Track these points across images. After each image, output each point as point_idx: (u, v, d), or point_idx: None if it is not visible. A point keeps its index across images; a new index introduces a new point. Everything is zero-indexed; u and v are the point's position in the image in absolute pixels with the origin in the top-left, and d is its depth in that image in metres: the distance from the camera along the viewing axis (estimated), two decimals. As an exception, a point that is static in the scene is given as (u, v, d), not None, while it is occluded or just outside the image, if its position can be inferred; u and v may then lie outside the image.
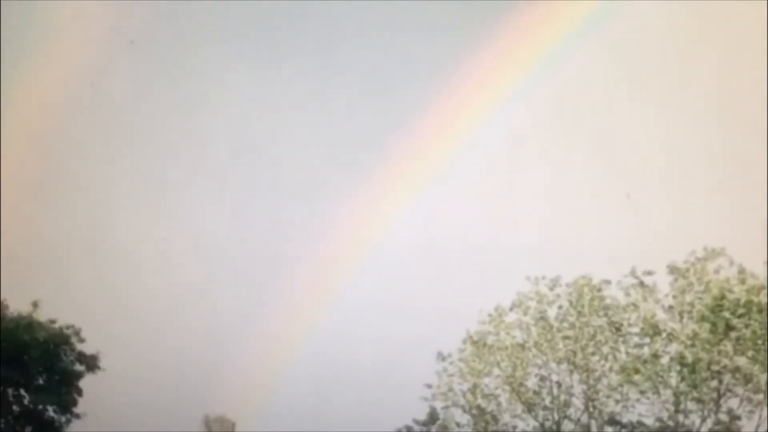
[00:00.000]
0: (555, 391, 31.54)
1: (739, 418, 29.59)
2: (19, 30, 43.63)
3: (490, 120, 44.81)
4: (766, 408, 29.28)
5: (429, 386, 32.60)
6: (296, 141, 49.88)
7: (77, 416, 30.83)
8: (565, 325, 31.58)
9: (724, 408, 29.50)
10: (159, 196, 49.36)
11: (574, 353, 31.23)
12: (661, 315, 30.56)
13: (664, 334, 30.20)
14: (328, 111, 49.50)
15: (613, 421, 30.72)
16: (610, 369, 30.92)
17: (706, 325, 29.44)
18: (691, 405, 29.85)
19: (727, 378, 29.41)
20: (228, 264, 49.55)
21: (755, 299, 29.28)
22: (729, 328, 29.26)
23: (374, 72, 49.47)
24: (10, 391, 29.99)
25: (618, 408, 30.80)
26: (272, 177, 50.73)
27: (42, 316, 30.48)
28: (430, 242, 46.62)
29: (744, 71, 40.55)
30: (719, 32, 43.14)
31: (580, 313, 31.38)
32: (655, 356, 30.11)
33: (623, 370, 30.54)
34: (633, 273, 30.92)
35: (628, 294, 31.07)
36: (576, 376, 31.37)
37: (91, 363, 30.97)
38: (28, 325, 29.86)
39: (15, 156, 43.53)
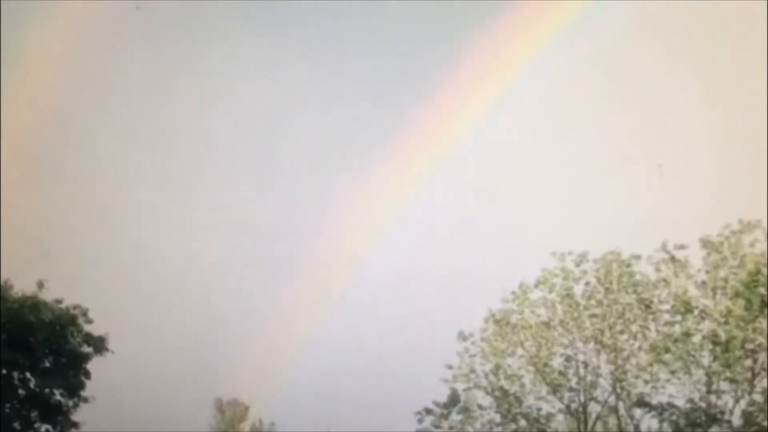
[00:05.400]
0: (581, 371, 31.65)
1: (774, 398, 29.65)
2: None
3: (514, 91, 44.87)
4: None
5: (450, 367, 32.67)
6: (307, 115, 50.31)
7: (85, 400, 30.92)
8: (593, 302, 31.62)
9: (758, 388, 29.43)
10: (168, 171, 49.84)
11: (602, 332, 31.32)
12: (693, 291, 30.54)
13: (696, 312, 30.16)
14: (335, 95, 50.06)
15: (642, 403, 30.71)
16: (640, 348, 31.00)
17: (741, 302, 29.39)
18: (724, 385, 29.88)
19: (761, 357, 29.33)
20: (244, 245, 50.01)
21: (792, 274, 29.28)
22: (764, 304, 29.20)
23: (375, 69, 50.00)
24: (15, 374, 30.13)
25: (647, 389, 30.83)
26: (287, 151, 51.23)
27: (48, 296, 30.60)
28: (451, 218, 46.87)
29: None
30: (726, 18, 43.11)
31: (608, 290, 31.44)
32: (687, 334, 30.11)
33: (653, 349, 30.60)
34: (664, 247, 30.86)
35: (658, 269, 31.05)
36: (603, 356, 31.45)
37: (99, 345, 30.98)
38: (33, 305, 29.91)
39: (18, 130, 43.95)
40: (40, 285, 30.43)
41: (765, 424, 29.13)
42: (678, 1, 43.62)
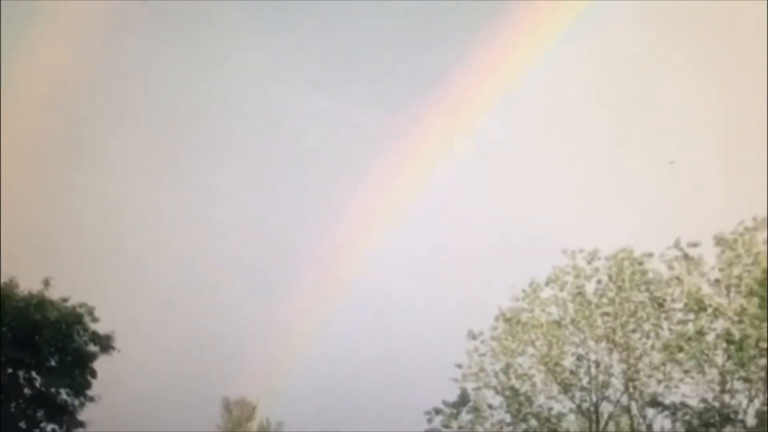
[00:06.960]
0: (593, 370, 31.54)
1: (788, 398, 29.50)
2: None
3: (522, 88, 44.85)
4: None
5: (459, 366, 32.62)
6: (312, 115, 50.35)
7: (91, 399, 30.97)
8: (605, 300, 31.51)
9: (772, 387, 29.43)
10: (173, 169, 49.85)
11: (614, 330, 31.21)
12: (706, 289, 30.40)
13: (709, 310, 30.02)
14: (339, 94, 50.17)
15: (654, 403, 30.61)
16: (652, 347, 30.89)
17: (755, 300, 29.25)
18: (737, 384, 29.75)
19: (776, 356, 29.34)
20: (251, 243, 50.01)
21: (808, 272, 29.13)
22: (779, 302, 29.13)
23: (379, 69, 50.13)
24: (21, 373, 30.20)
25: (660, 388, 30.71)
26: (292, 146, 51.31)
27: (54, 294, 30.63)
28: (460, 215, 46.81)
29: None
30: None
31: (620, 288, 31.32)
32: (700, 333, 30.01)
33: (666, 348, 30.49)
34: (677, 245, 30.72)
35: (671, 267, 30.91)
36: (615, 355, 31.36)
37: (106, 343, 31.03)
38: (39, 303, 29.96)
39: (22, 127, 43.96)
40: (46, 283, 30.50)
41: (779, 423, 29.03)
42: (682, 1, 43.57)
